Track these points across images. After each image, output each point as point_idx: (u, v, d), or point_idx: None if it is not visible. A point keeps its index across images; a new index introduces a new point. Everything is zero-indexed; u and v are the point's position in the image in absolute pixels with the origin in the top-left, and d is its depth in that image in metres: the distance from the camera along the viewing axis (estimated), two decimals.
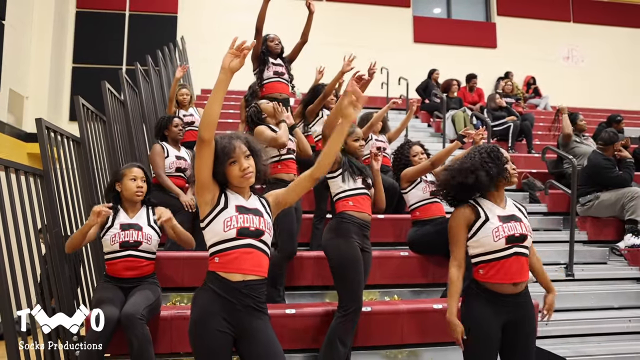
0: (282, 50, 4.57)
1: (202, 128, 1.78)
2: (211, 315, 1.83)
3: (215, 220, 1.90)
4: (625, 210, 4.55)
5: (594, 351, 3.00)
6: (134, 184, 2.72)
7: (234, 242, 1.89)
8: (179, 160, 3.85)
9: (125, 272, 2.64)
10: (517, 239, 2.17)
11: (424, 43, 11.04)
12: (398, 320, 2.99)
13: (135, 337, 2.35)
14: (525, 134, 7.08)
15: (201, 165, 1.84)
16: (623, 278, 4.15)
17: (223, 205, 1.91)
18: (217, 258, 1.89)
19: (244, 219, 1.90)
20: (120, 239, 2.63)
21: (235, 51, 1.77)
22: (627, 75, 11.78)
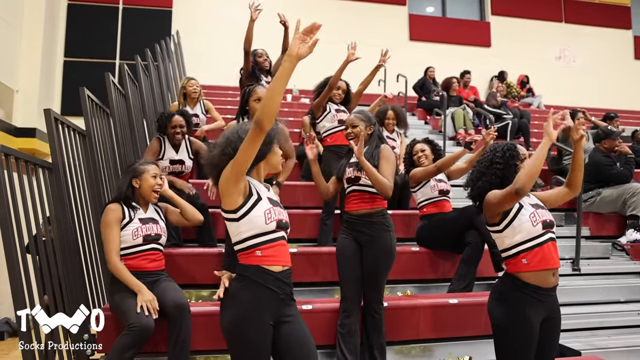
0: (270, 65, 4.48)
1: (264, 118, 1.69)
2: (258, 310, 1.80)
3: (253, 212, 1.84)
4: (627, 206, 4.61)
5: (606, 344, 3.03)
6: (154, 181, 2.76)
7: (274, 235, 1.87)
8: (174, 165, 3.72)
9: (148, 264, 2.66)
10: (549, 224, 2.21)
11: (419, 41, 11.08)
12: (414, 315, 2.98)
13: (185, 327, 2.45)
14: (523, 131, 7.14)
15: (252, 153, 1.77)
16: (627, 272, 4.22)
17: (257, 196, 1.87)
18: (259, 251, 1.84)
19: (277, 212, 1.89)
20: (143, 233, 2.66)
21: (303, 35, 1.63)
22: (617, 75, 11.98)
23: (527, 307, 2.11)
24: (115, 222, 2.62)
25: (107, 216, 2.64)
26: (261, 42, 9.64)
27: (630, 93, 11.72)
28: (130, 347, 2.34)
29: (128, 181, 2.74)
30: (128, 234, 2.64)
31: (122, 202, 2.70)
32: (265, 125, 1.70)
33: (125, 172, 2.89)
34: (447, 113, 7.47)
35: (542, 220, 2.18)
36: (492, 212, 2.20)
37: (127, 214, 2.67)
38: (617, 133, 4.99)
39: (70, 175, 2.81)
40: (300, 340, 1.85)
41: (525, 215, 2.17)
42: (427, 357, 3.04)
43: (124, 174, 2.86)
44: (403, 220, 4.08)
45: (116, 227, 2.61)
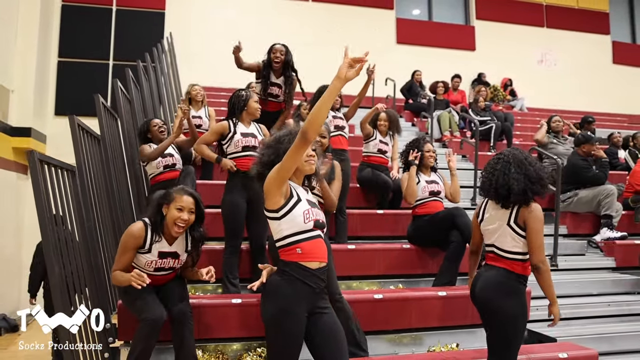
0: (281, 63, 4.49)
1: (310, 129, 1.88)
2: (297, 303, 2.01)
3: (293, 212, 2.05)
4: (601, 207, 4.96)
5: (579, 332, 3.34)
6: (178, 214, 2.53)
7: (311, 233, 2.07)
8: (165, 158, 3.97)
9: (160, 279, 2.69)
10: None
11: (406, 44, 11.37)
12: (405, 307, 3.25)
13: (189, 331, 2.60)
14: (506, 134, 7.46)
15: (297, 160, 1.98)
16: (600, 268, 4.58)
17: (297, 197, 2.07)
18: (299, 249, 2.05)
19: (315, 213, 2.10)
20: (156, 266, 2.60)
21: (352, 61, 1.86)
22: (596, 79, 12.40)
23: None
24: (133, 248, 2.53)
25: (127, 241, 2.52)
26: (255, 45, 9.81)
27: (608, 96, 12.14)
28: (148, 337, 2.50)
29: (158, 207, 2.57)
30: (142, 261, 2.58)
31: (150, 227, 2.57)
32: (311, 136, 1.90)
33: (157, 197, 2.69)
34: (433, 116, 7.78)
35: None
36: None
37: (147, 244, 2.54)
38: (595, 139, 5.33)
39: (89, 177, 3.02)
40: (333, 330, 2.05)
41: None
42: (417, 346, 3.30)
43: (155, 198, 2.69)
44: (394, 219, 4.36)
45: (131, 253, 2.54)
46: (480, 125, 7.14)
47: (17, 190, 7.83)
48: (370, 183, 4.62)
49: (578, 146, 5.25)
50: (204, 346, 2.95)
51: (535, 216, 2.38)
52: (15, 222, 7.67)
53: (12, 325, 6.93)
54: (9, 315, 6.96)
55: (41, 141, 8.27)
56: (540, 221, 2.39)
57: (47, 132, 8.56)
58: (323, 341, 2.04)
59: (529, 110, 10.82)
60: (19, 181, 7.94)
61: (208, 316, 2.88)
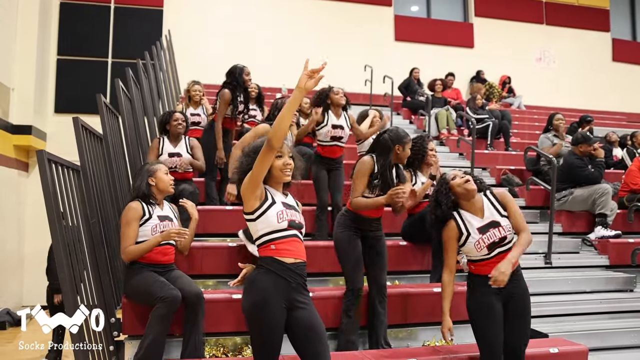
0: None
1: (275, 138, 2.04)
2: (273, 295, 2.12)
3: (267, 213, 2.18)
4: (596, 205, 5.03)
5: (571, 328, 3.42)
6: (168, 177, 3.05)
7: (286, 232, 2.19)
8: (172, 158, 4.06)
9: (161, 257, 2.95)
10: (497, 243, 2.59)
11: (404, 42, 11.39)
12: (401, 303, 3.32)
13: (202, 313, 2.78)
14: (504, 132, 7.52)
15: (264, 167, 2.13)
16: (594, 265, 4.66)
17: (271, 200, 2.20)
18: (273, 245, 2.18)
19: (290, 214, 2.22)
20: (161, 229, 2.93)
21: (310, 73, 2.00)
22: (595, 76, 12.38)
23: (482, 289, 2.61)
24: (135, 219, 2.89)
25: (128, 213, 2.90)
26: (253, 42, 9.79)
27: (607, 94, 12.15)
28: (166, 317, 2.70)
29: (146, 180, 3.01)
30: (147, 229, 2.91)
31: (142, 200, 2.97)
32: (275, 144, 2.07)
33: (138, 174, 3.14)
34: (431, 113, 7.84)
35: (487, 244, 2.58)
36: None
37: (146, 211, 2.94)
38: (594, 140, 5.38)
39: (93, 176, 3.08)
40: (312, 324, 2.16)
41: (471, 244, 2.61)
42: (413, 340, 3.38)
43: (138, 175, 3.11)
44: (390, 216, 4.39)
45: (135, 224, 2.88)
46: (477, 124, 7.21)
47: (17, 187, 7.89)
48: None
49: (576, 145, 5.29)
50: (205, 340, 3.02)
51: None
52: (16, 218, 7.74)
53: (16, 319, 7.00)
54: (12, 309, 7.04)
55: (41, 139, 8.33)
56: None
57: (47, 130, 8.61)
58: (302, 335, 2.15)
59: (527, 109, 10.86)
60: (20, 178, 8.00)
61: (209, 311, 2.95)
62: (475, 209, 2.67)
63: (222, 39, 10.06)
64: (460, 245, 2.65)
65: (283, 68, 9.95)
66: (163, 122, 4.21)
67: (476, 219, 2.63)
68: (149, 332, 2.70)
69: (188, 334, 2.83)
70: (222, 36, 10.11)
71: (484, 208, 2.67)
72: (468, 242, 2.61)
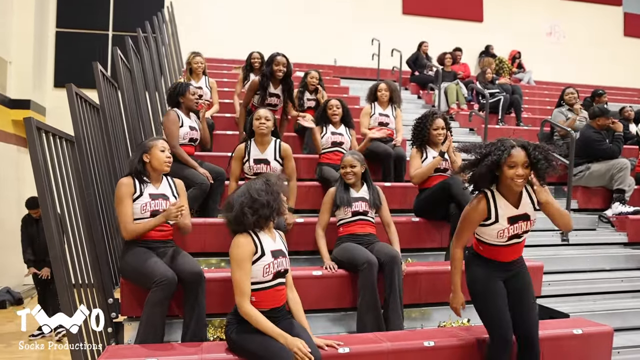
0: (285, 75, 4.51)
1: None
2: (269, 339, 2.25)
3: (255, 266, 2.32)
4: (614, 180, 4.84)
5: (592, 308, 3.27)
6: (164, 155, 2.83)
7: (270, 283, 2.37)
8: (192, 131, 3.85)
9: (155, 234, 2.76)
10: (519, 235, 2.45)
11: (412, 15, 11.07)
12: (416, 282, 3.18)
13: (202, 291, 2.62)
14: (515, 107, 7.29)
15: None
16: (612, 243, 4.47)
17: (260, 252, 2.34)
18: (254, 297, 2.34)
19: (277, 264, 2.37)
20: (151, 208, 2.75)
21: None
22: (606, 51, 12.11)
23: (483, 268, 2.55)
24: (127, 195, 2.71)
25: (119, 191, 2.72)
26: (256, 17, 9.61)
27: (618, 69, 11.88)
28: (163, 300, 2.54)
29: (139, 156, 2.80)
30: (137, 207, 2.73)
31: (134, 177, 2.77)
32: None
33: (135, 150, 2.97)
34: (440, 88, 7.60)
35: (509, 235, 2.42)
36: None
37: (138, 188, 2.74)
38: (612, 112, 5.17)
39: (89, 148, 2.91)
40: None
41: (495, 230, 2.42)
42: (426, 320, 3.25)
43: (134, 152, 2.93)
44: (400, 192, 4.24)
45: (129, 201, 2.69)
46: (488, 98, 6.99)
47: (17, 163, 7.75)
48: (371, 153, 4.46)
49: (593, 119, 5.09)
50: (208, 321, 2.88)
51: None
52: (16, 195, 7.60)
53: (17, 298, 6.95)
54: (12, 288, 6.97)
55: (40, 113, 8.14)
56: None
57: (46, 105, 8.42)
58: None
59: (537, 84, 10.60)
60: (19, 154, 7.85)
61: (212, 291, 2.80)
62: (514, 197, 2.41)
63: (225, 13, 9.78)
64: (482, 225, 2.44)
65: (288, 42, 9.68)
66: (178, 93, 3.85)
67: (510, 208, 2.39)
68: (145, 317, 2.55)
69: (189, 316, 2.67)
70: (225, 10, 9.82)
71: (522, 198, 2.43)
72: (492, 228, 2.41)
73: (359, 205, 3.23)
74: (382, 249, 3.07)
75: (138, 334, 2.58)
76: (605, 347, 2.82)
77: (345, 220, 3.25)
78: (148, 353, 2.36)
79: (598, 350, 2.80)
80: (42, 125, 2.29)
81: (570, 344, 2.67)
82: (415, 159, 3.79)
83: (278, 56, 4.49)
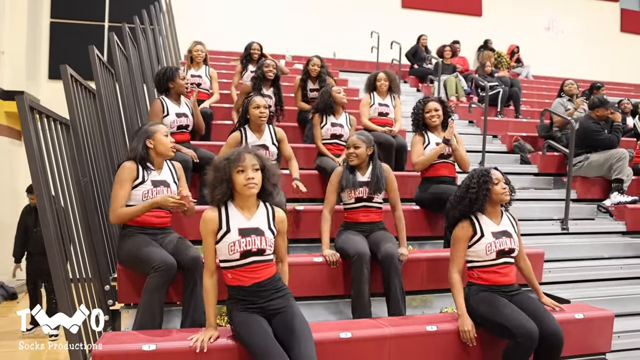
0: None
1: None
2: (250, 315, 2.24)
3: (220, 243, 2.28)
4: (613, 170, 4.84)
5: (592, 294, 3.28)
6: (168, 139, 2.78)
7: (239, 262, 2.27)
8: (181, 118, 3.77)
9: (154, 220, 2.72)
10: (506, 252, 2.62)
11: (412, 9, 11.06)
12: (417, 269, 3.15)
13: (200, 278, 2.49)
14: (514, 99, 7.29)
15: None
16: (610, 232, 4.50)
17: (226, 228, 2.25)
18: (230, 274, 2.28)
19: (246, 242, 2.27)
20: (153, 195, 2.69)
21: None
22: (603, 47, 12.16)
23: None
24: (128, 180, 2.65)
25: (122, 173, 2.65)
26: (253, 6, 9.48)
27: (615, 65, 11.91)
28: (162, 286, 2.49)
29: (142, 142, 2.73)
30: (138, 194, 2.67)
31: (138, 162, 2.71)
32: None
33: (136, 135, 2.88)
34: (439, 80, 7.58)
35: (497, 250, 2.59)
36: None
37: (141, 174, 2.69)
38: (611, 103, 5.16)
39: (85, 132, 2.86)
40: (291, 325, 2.17)
41: (483, 245, 2.60)
42: (427, 308, 3.22)
43: (136, 136, 2.84)
44: (401, 181, 4.17)
45: (128, 185, 2.63)
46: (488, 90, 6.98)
47: (10, 155, 7.67)
48: None
49: (592, 109, 5.08)
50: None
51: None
52: (10, 188, 7.54)
53: (10, 293, 6.89)
54: (6, 283, 6.90)
55: None
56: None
57: (40, 96, 8.33)
58: (287, 334, 2.17)
59: (535, 78, 10.60)
60: (12, 146, 7.77)
61: None
62: (496, 214, 2.69)
63: (225, 4, 9.73)
64: (470, 244, 2.63)
65: (287, 34, 9.65)
66: (167, 78, 3.78)
67: (492, 224, 2.66)
68: (143, 303, 2.50)
69: (187, 302, 2.63)
70: (225, 1, 9.76)
71: (502, 217, 2.70)
72: (479, 243, 2.61)
73: (362, 191, 3.15)
74: (381, 244, 2.97)
75: (136, 321, 2.53)
76: (606, 331, 2.82)
77: (349, 205, 3.20)
78: (146, 339, 2.30)
79: (599, 334, 2.81)
80: (35, 106, 2.23)
81: (572, 328, 2.66)
82: (417, 145, 3.69)
83: (267, 60, 4.80)
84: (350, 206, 3.20)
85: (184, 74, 3.91)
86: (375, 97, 4.75)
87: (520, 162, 5.65)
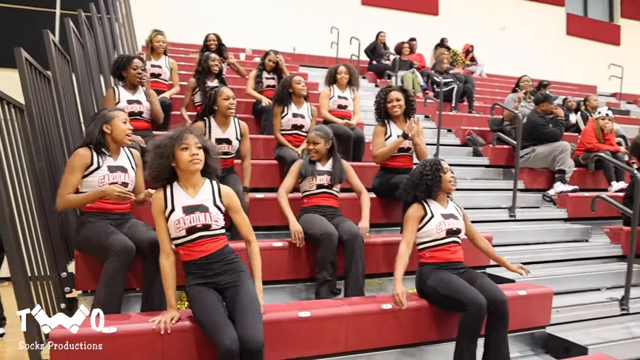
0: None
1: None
2: (204, 288, 2.35)
3: (168, 221, 2.38)
4: (556, 162, 5.17)
5: (535, 274, 3.48)
6: (126, 126, 2.76)
7: (187, 238, 2.36)
8: (131, 105, 3.75)
9: (111, 206, 2.70)
10: (454, 232, 2.85)
11: (371, 6, 11.25)
12: (374, 253, 3.28)
13: (158, 262, 2.47)
14: (467, 95, 7.58)
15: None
16: (554, 219, 4.83)
17: (170, 208, 2.35)
18: (182, 251, 2.39)
19: (191, 219, 2.36)
20: (109, 181, 2.66)
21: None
22: (551, 48, 12.80)
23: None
24: (80, 167, 2.61)
25: (73, 160, 2.62)
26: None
27: (561, 66, 12.54)
28: (121, 270, 2.47)
29: (100, 127, 2.69)
30: (94, 180, 2.63)
31: (93, 148, 2.68)
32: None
33: (93, 119, 2.82)
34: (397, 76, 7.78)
35: (446, 228, 2.82)
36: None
37: (95, 160, 2.65)
38: (553, 97, 5.51)
39: (40, 118, 2.80)
40: (243, 300, 2.25)
41: (434, 224, 2.83)
42: (383, 291, 3.35)
43: (93, 121, 2.80)
44: (359, 171, 4.27)
45: (79, 172, 2.60)
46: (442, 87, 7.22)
47: None
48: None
49: (537, 104, 5.42)
50: None
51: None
52: None
53: None
54: None
55: None
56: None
57: None
58: (233, 309, 2.25)
59: (488, 76, 11.02)
60: None
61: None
62: (443, 200, 2.93)
63: None
64: (421, 226, 2.84)
65: (247, 28, 9.62)
66: (119, 67, 3.78)
67: (440, 207, 2.90)
68: (102, 288, 2.48)
69: (147, 287, 2.62)
70: None
71: (448, 203, 2.94)
72: (430, 223, 2.82)
73: (323, 179, 3.27)
74: (345, 226, 3.09)
75: (94, 307, 2.51)
76: (546, 306, 3.06)
77: (310, 192, 3.30)
78: (107, 323, 2.27)
79: (540, 308, 3.05)
80: None
81: (516, 304, 2.86)
82: (378, 136, 3.70)
83: (212, 54, 4.98)
84: (310, 192, 3.29)
85: (140, 64, 3.81)
86: (335, 89, 4.84)
87: (472, 154, 5.92)
